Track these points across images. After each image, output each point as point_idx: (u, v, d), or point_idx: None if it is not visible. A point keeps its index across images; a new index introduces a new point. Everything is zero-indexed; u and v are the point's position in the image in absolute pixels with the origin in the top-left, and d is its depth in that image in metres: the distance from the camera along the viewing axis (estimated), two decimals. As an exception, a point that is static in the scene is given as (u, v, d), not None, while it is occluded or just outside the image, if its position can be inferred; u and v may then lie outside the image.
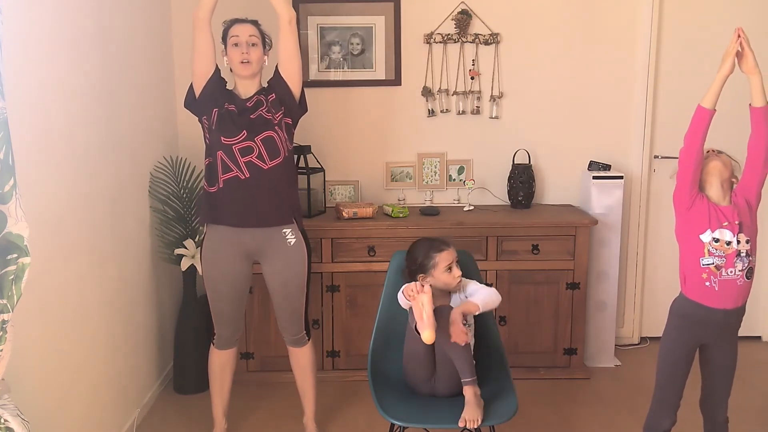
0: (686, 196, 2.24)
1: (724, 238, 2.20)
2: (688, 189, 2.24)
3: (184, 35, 3.52)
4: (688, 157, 2.22)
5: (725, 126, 2.73)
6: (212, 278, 2.74)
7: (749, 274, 2.23)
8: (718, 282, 2.22)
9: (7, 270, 1.57)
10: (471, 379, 2.30)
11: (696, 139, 2.20)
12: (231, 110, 2.64)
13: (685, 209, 2.26)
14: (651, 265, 3.96)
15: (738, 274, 2.21)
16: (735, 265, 2.20)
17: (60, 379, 2.36)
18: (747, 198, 2.24)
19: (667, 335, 2.38)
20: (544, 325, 3.53)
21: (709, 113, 2.19)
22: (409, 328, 2.38)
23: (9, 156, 1.56)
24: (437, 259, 2.46)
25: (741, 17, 3.71)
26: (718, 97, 2.19)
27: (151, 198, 3.29)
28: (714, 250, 2.21)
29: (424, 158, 3.85)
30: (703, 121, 2.19)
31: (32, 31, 2.19)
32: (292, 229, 2.71)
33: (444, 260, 2.46)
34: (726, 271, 2.21)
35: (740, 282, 2.22)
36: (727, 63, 2.18)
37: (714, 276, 2.22)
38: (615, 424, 3.10)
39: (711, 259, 2.22)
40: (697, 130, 2.20)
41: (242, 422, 3.11)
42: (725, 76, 2.18)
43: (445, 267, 2.46)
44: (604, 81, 3.79)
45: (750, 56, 2.17)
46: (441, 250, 2.47)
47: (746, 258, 2.21)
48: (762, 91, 2.16)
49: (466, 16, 3.70)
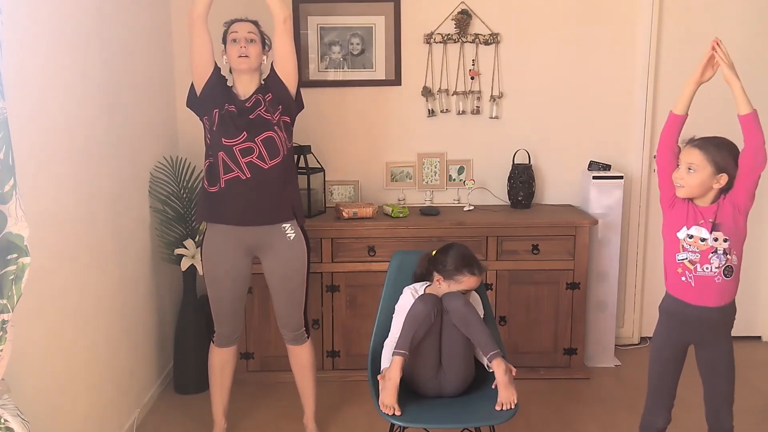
0: (666, 195, 2.31)
1: (698, 235, 2.23)
2: (666, 188, 2.30)
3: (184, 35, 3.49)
4: (662, 158, 2.30)
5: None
6: (212, 275, 2.74)
7: (728, 272, 2.23)
8: (694, 278, 2.25)
9: (7, 270, 1.57)
10: (496, 351, 2.31)
11: (667, 142, 2.28)
12: (231, 111, 2.65)
13: (668, 208, 2.32)
14: (651, 265, 3.96)
15: (715, 271, 2.22)
16: (710, 262, 2.22)
17: (60, 379, 2.36)
18: (734, 202, 2.22)
19: (656, 334, 2.42)
20: (544, 325, 3.53)
21: (679, 118, 2.28)
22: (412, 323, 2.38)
23: (9, 156, 1.56)
24: (464, 280, 2.42)
25: (741, 17, 3.73)
26: (688, 103, 2.27)
27: (151, 198, 3.29)
28: (688, 246, 2.24)
29: (424, 158, 3.85)
30: (673, 126, 2.29)
31: (32, 31, 2.19)
32: (292, 225, 2.73)
33: (467, 284, 2.44)
34: (701, 267, 2.23)
35: (718, 279, 2.23)
36: (697, 70, 2.26)
37: (689, 271, 2.25)
38: (615, 424, 3.10)
39: (685, 255, 2.25)
40: (667, 133, 2.30)
41: (242, 422, 3.11)
42: (693, 82, 2.26)
43: (464, 288, 2.43)
44: (604, 81, 3.79)
45: (724, 65, 2.20)
46: (473, 275, 2.43)
47: (723, 256, 2.22)
48: (743, 97, 2.17)
49: (466, 16, 3.70)
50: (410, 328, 2.34)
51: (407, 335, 2.33)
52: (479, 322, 2.36)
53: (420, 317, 2.33)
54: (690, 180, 2.22)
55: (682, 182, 2.24)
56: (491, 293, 3.44)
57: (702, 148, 2.21)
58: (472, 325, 2.33)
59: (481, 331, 2.34)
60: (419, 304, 2.36)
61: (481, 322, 2.36)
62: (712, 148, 2.20)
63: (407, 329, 2.34)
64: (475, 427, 2.38)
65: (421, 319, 2.33)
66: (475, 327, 2.34)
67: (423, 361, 2.38)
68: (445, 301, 2.37)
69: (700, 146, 2.21)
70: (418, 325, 2.33)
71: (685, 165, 2.23)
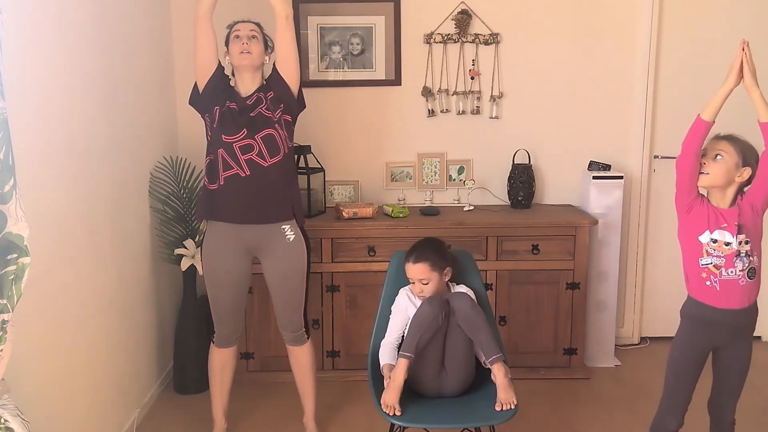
0: (684, 200, 2.28)
1: (723, 239, 2.22)
2: (686, 193, 2.27)
3: (184, 35, 3.52)
4: (684, 164, 2.25)
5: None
6: (212, 275, 2.74)
7: (751, 274, 2.23)
8: (719, 282, 2.23)
9: (7, 270, 1.57)
10: (498, 356, 2.32)
11: (692, 148, 2.22)
12: (232, 108, 2.66)
13: (685, 212, 2.29)
14: (651, 265, 3.96)
15: (739, 274, 2.22)
16: (735, 265, 2.21)
17: (60, 379, 2.36)
18: (752, 204, 2.24)
19: (678, 337, 2.38)
20: (544, 325, 3.53)
21: (706, 125, 2.21)
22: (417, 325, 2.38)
23: (9, 156, 1.56)
24: (406, 268, 2.48)
25: (741, 18, 3.72)
26: (718, 111, 2.20)
27: (151, 198, 3.29)
28: (712, 251, 2.23)
29: (424, 158, 3.85)
30: (699, 132, 2.21)
31: (32, 31, 2.19)
32: (291, 226, 2.73)
33: (408, 273, 2.47)
34: (726, 271, 2.22)
35: (742, 282, 2.23)
36: (731, 77, 2.18)
37: (714, 276, 2.23)
38: (615, 424, 3.10)
39: (709, 259, 2.24)
40: (693, 139, 2.22)
41: (242, 422, 3.11)
42: (728, 91, 2.19)
43: (410, 278, 2.47)
44: (604, 81, 3.79)
45: (748, 72, 2.17)
46: (408, 262, 2.47)
47: (746, 258, 2.22)
48: (764, 105, 2.15)
49: (466, 16, 3.70)
50: (416, 330, 2.33)
51: (413, 338, 2.33)
52: (485, 325, 2.35)
53: (427, 320, 2.33)
54: (716, 168, 2.22)
55: (707, 169, 2.23)
56: (491, 293, 3.44)
57: (730, 139, 2.24)
58: (477, 328, 2.33)
59: (485, 334, 2.34)
60: (426, 307, 2.35)
61: (487, 326, 2.36)
62: (740, 141, 2.24)
63: (413, 332, 2.34)
64: (475, 427, 2.37)
65: (427, 323, 2.32)
66: (480, 330, 2.34)
67: (426, 361, 2.38)
68: (451, 301, 2.37)
69: (728, 138, 2.25)
70: (424, 329, 2.32)
71: (713, 152, 2.23)
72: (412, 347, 2.32)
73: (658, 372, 2.67)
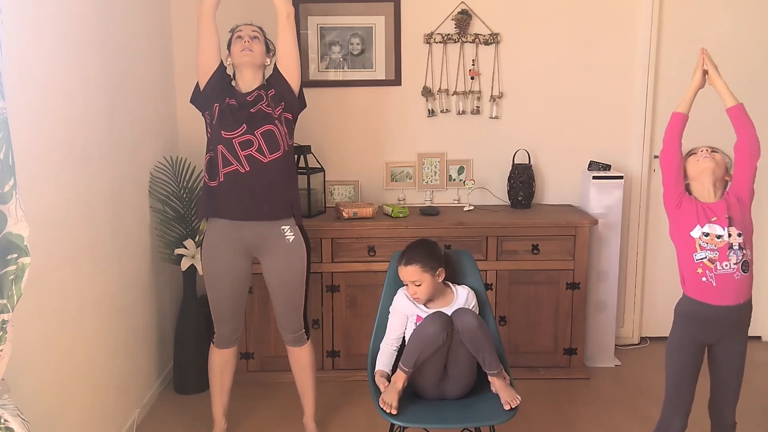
0: (673, 195, 2.34)
1: (714, 232, 2.26)
2: (672, 188, 2.34)
3: (184, 36, 3.53)
4: (667, 157, 2.36)
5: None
6: (212, 275, 2.74)
7: (745, 268, 2.25)
8: (714, 277, 2.25)
9: (7, 270, 1.57)
10: (498, 371, 2.33)
11: (672, 141, 2.35)
12: (232, 105, 2.66)
13: (674, 209, 2.34)
14: (651, 265, 3.96)
15: (734, 268, 2.24)
16: (729, 258, 2.24)
17: (60, 379, 2.36)
18: (738, 196, 2.30)
19: (672, 336, 2.39)
20: (544, 325, 3.53)
21: (683, 117, 2.36)
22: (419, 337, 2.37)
23: (9, 156, 1.56)
24: (399, 271, 2.48)
25: (741, 17, 3.73)
26: (690, 104, 2.38)
27: (151, 198, 3.29)
28: (705, 244, 2.26)
29: (424, 158, 3.85)
30: (677, 125, 2.36)
31: (32, 31, 2.19)
32: (291, 226, 2.72)
33: (402, 276, 2.46)
34: (721, 264, 2.24)
35: (737, 276, 2.24)
36: (696, 75, 2.40)
37: (709, 270, 2.25)
38: (615, 424, 3.10)
39: (703, 253, 2.26)
40: (673, 131, 2.36)
41: (242, 422, 3.11)
42: (695, 87, 2.39)
43: (403, 280, 2.47)
44: (603, 81, 3.79)
45: (710, 66, 2.37)
46: (401, 264, 2.46)
47: (740, 251, 2.24)
48: (728, 92, 2.32)
49: (466, 16, 3.70)
50: (416, 348, 2.30)
51: (413, 355, 2.30)
52: (489, 344, 2.33)
53: (428, 340, 2.29)
54: (718, 157, 2.33)
55: (709, 157, 2.32)
56: (491, 293, 3.44)
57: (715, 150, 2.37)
58: (481, 347, 2.31)
59: (489, 352, 2.32)
60: (429, 326, 2.31)
61: (491, 343, 2.34)
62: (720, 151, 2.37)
63: (413, 348, 2.31)
64: (475, 427, 2.37)
65: (428, 341, 2.29)
66: (483, 348, 2.31)
67: (427, 373, 2.36)
68: (455, 320, 2.32)
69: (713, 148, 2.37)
70: (423, 347, 2.30)
71: (705, 148, 2.35)
72: (411, 363, 2.30)
73: (658, 372, 2.67)
